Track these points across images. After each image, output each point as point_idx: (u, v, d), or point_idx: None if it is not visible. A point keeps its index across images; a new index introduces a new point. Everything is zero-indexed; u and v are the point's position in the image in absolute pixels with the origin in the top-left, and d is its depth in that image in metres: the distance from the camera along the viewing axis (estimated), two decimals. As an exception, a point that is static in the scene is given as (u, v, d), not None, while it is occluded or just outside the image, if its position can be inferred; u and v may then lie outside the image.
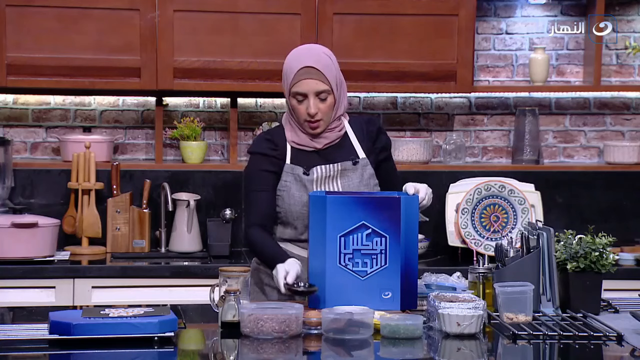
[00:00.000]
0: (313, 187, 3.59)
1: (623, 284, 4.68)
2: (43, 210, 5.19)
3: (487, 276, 3.48)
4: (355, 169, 3.63)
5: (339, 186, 3.62)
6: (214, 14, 5.12)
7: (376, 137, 3.70)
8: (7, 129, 5.41)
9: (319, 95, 3.55)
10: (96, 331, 3.04)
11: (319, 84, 3.55)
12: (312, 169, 3.60)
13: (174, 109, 5.49)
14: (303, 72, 3.55)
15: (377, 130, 3.71)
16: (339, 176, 3.62)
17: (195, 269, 4.91)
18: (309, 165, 3.60)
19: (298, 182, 3.60)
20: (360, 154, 3.66)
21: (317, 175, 3.60)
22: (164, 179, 5.26)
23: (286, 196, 3.60)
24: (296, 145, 3.63)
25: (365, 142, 3.68)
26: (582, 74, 5.66)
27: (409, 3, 5.20)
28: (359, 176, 3.63)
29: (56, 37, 5.04)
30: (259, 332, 3.11)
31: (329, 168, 3.61)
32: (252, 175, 3.65)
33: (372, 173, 3.65)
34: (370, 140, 3.69)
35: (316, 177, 3.60)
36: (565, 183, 5.53)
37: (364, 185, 3.63)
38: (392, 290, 3.41)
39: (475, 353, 3.08)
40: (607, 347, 3.12)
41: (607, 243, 3.50)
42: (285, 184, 3.60)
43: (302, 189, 3.59)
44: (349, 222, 3.41)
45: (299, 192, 3.59)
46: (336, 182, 3.62)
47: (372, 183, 3.64)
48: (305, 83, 3.54)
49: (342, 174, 3.62)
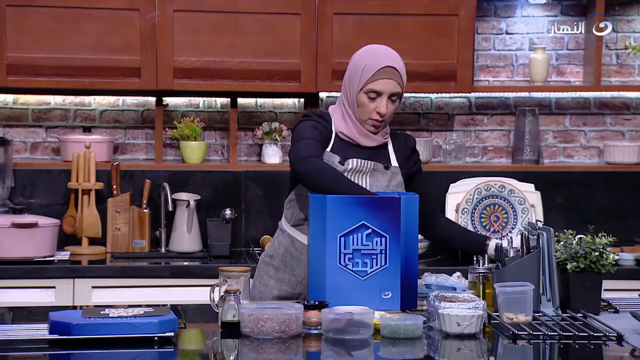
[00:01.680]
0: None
1: (623, 284, 4.68)
2: (43, 210, 5.19)
3: (487, 276, 3.48)
4: (386, 173, 3.67)
5: (367, 184, 3.65)
6: (214, 14, 5.12)
7: (411, 153, 3.76)
8: (7, 129, 5.41)
9: (391, 96, 3.59)
10: (96, 331, 3.04)
11: (396, 86, 3.59)
12: (348, 160, 3.62)
13: (174, 109, 5.49)
14: (384, 72, 3.58)
15: (413, 148, 3.78)
16: (369, 174, 3.66)
17: (195, 269, 4.91)
18: (346, 156, 3.62)
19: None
20: (394, 162, 3.70)
21: (351, 167, 3.62)
22: (164, 179, 5.26)
23: None
24: (342, 136, 3.65)
25: (400, 153, 3.73)
26: (582, 74, 5.66)
27: (409, 3, 5.20)
28: (388, 180, 3.67)
29: (56, 37, 5.04)
30: (259, 332, 3.11)
31: (363, 163, 3.63)
32: (304, 129, 3.60)
33: (401, 182, 3.69)
34: (405, 153, 3.74)
35: (350, 168, 3.62)
36: (565, 183, 5.53)
37: (391, 188, 3.66)
38: (392, 290, 3.41)
39: (475, 353, 3.08)
40: (607, 347, 3.12)
41: (607, 243, 3.50)
42: None
43: None
44: (349, 222, 3.41)
45: None
46: (365, 179, 3.65)
47: (399, 190, 3.68)
48: (385, 83, 3.58)
49: (373, 173, 3.66)
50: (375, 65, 3.58)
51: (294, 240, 3.71)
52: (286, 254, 3.72)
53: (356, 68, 3.62)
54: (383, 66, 3.58)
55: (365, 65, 3.59)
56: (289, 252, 3.71)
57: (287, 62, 5.15)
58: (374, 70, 3.57)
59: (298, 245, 3.69)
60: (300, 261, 3.68)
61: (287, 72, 5.16)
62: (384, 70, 3.58)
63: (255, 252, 5.07)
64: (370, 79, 3.58)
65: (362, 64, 3.60)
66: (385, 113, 3.59)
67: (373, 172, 3.66)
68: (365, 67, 3.59)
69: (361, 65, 3.60)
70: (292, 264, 3.71)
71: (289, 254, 3.72)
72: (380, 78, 3.57)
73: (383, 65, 3.58)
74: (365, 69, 3.59)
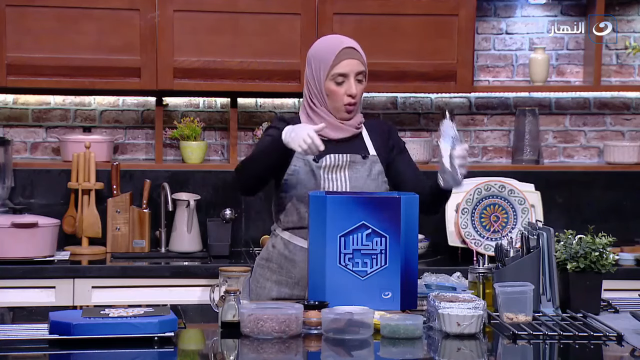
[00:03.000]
0: (321, 174, 3.64)
1: (623, 284, 4.68)
2: (43, 210, 5.19)
3: (487, 276, 3.48)
4: (364, 163, 3.67)
5: (347, 177, 3.66)
6: (214, 14, 5.12)
7: (388, 137, 3.77)
8: (7, 129, 5.41)
9: (357, 76, 3.63)
10: (96, 331, 3.04)
11: (359, 65, 3.64)
12: (322, 157, 3.63)
13: (174, 109, 5.49)
14: (345, 53, 3.63)
15: (389, 129, 3.80)
16: (347, 167, 3.67)
17: (195, 269, 4.91)
18: (320, 154, 3.62)
19: (307, 168, 3.65)
20: (371, 150, 3.71)
21: (326, 163, 3.64)
22: (164, 179, 5.26)
23: (294, 180, 3.65)
24: None
25: (377, 140, 3.74)
26: (582, 74, 5.66)
27: (409, 3, 5.20)
28: (367, 170, 3.68)
29: (56, 37, 5.04)
30: (259, 332, 3.11)
31: (339, 157, 3.65)
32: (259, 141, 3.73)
33: (381, 170, 3.70)
34: (381, 139, 3.75)
35: (325, 165, 3.64)
36: (565, 183, 5.53)
37: (371, 180, 3.68)
38: (392, 290, 3.41)
39: (475, 353, 3.08)
40: (607, 347, 3.12)
41: (607, 243, 3.50)
42: (294, 169, 3.65)
43: (310, 175, 3.65)
44: (349, 222, 3.41)
45: (307, 177, 3.65)
46: (344, 173, 3.66)
47: (380, 179, 3.70)
48: (348, 63, 3.62)
49: (351, 166, 3.67)
50: (334, 49, 3.63)
51: (286, 243, 3.71)
52: (280, 257, 3.72)
53: (316, 60, 3.66)
54: (342, 47, 3.63)
55: (324, 53, 3.64)
56: (283, 254, 3.72)
57: (287, 62, 5.15)
58: (334, 54, 3.62)
59: (291, 247, 3.70)
60: (296, 262, 3.68)
61: (287, 72, 5.16)
62: (344, 51, 3.63)
63: (255, 252, 5.06)
64: (334, 62, 3.62)
65: (320, 54, 3.65)
66: (356, 94, 3.62)
67: (351, 164, 3.67)
68: (324, 55, 3.64)
69: (320, 55, 3.65)
70: (288, 266, 3.71)
71: (283, 256, 3.72)
72: (344, 59, 3.62)
73: (342, 47, 3.63)
74: (325, 55, 3.63)
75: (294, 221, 3.69)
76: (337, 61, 3.62)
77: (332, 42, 3.69)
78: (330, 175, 3.65)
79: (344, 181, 3.65)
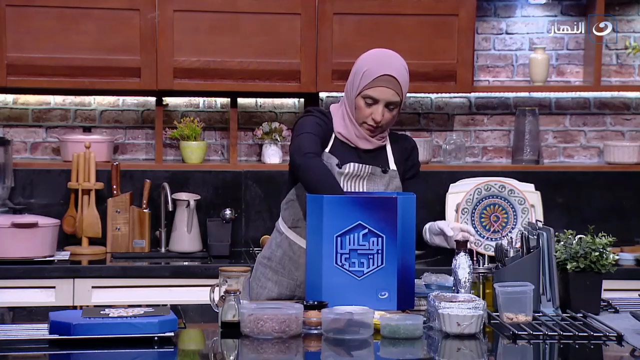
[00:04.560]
0: (341, 180, 3.59)
1: (623, 284, 4.68)
2: (43, 210, 5.19)
3: (487, 276, 3.48)
4: (383, 177, 3.66)
5: (364, 188, 3.64)
6: (214, 14, 5.12)
7: (410, 154, 3.74)
8: (7, 129, 5.41)
9: (388, 105, 3.57)
10: (96, 331, 3.04)
11: (394, 95, 3.56)
12: (346, 164, 3.61)
13: (174, 109, 5.49)
14: (383, 79, 3.55)
15: (412, 148, 3.75)
16: (366, 179, 3.65)
17: (195, 269, 4.91)
18: (344, 159, 3.61)
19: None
20: (392, 165, 3.69)
21: (348, 171, 3.61)
22: (164, 179, 5.26)
23: None
24: (341, 137, 3.64)
25: (398, 155, 3.71)
26: (582, 74, 5.66)
27: (409, 3, 5.20)
28: (385, 184, 3.66)
29: (56, 37, 5.04)
30: (259, 332, 3.11)
31: (361, 167, 3.62)
32: (306, 123, 3.59)
33: (399, 186, 3.67)
34: (403, 154, 3.72)
35: (347, 172, 3.61)
36: (565, 183, 5.53)
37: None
38: (388, 290, 3.41)
39: (475, 353, 3.08)
40: (607, 347, 3.12)
41: (607, 243, 3.50)
42: None
43: None
44: (346, 222, 3.40)
45: None
46: (362, 183, 3.65)
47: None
48: (382, 91, 3.55)
49: (370, 177, 3.65)
50: (375, 72, 3.55)
51: (292, 244, 3.70)
52: (284, 257, 3.71)
53: (358, 71, 3.60)
54: (382, 74, 3.55)
55: (366, 70, 3.57)
56: (287, 255, 3.71)
57: (287, 62, 5.15)
58: (373, 77, 3.55)
59: (296, 248, 3.68)
60: (299, 265, 3.67)
61: (287, 72, 5.16)
62: (382, 78, 3.55)
63: (255, 252, 5.06)
64: (369, 84, 3.55)
65: (363, 68, 3.58)
66: (380, 121, 3.57)
67: (371, 176, 3.64)
68: (365, 72, 3.56)
69: (362, 69, 3.58)
70: (291, 267, 3.70)
71: (287, 257, 3.71)
72: (378, 85, 3.55)
73: (382, 73, 3.55)
74: (365, 73, 3.56)
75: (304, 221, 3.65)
76: (374, 85, 3.55)
77: (380, 62, 3.58)
78: (350, 183, 3.62)
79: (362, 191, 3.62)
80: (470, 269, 3.38)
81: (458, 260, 3.39)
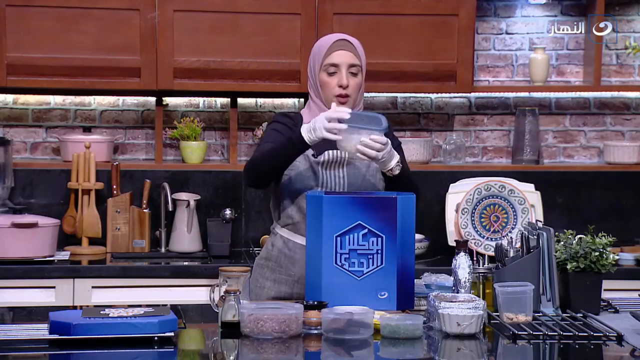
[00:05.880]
0: (319, 169, 3.65)
1: (623, 284, 4.68)
2: (43, 210, 5.19)
3: (487, 276, 3.48)
4: (362, 160, 3.65)
5: (345, 173, 3.68)
6: (214, 14, 5.12)
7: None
8: (7, 129, 5.41)
9: (350, 69, 3.68)
10: (96, 331, 3.04)
11: (353, 58, 3.69)
12: (322, 153, 3.66)
13: (174, 109, 5.49)
14: (338, 44, 3.69)
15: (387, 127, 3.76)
16: (345, 164, 3.68)
17: (195, 269, 4.91)
18: (319, 149, 3.65)
19: (306, 163, 3.67)
20: None
21: (325, 159, 3.66)
22: (164, 179, 5.26)
23: (294, 175, 3.67)
24: None
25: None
26: (582, 74, 5.66)
27: (409, 3, 5.21)
28: (366, 166, 3.70)
29: (56, 37, 5.04)
30: (259, 332, 3.11)
31: (338, 154, 3.67)
32: (266, 135, 3.75)
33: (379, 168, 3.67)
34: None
35: (324, 160, 3.66)
36: (565, 183, 5.53)
37: (370, 176, 3.69)
38: (388, 291, 3.41)
39: (475, 353, 3.08)
40: (607, 347, 3.12)
41: (607, 243, 3.50)
42: (294, 164, 3.66)
43: (309, 169, 3.66)
44: (346, 222, 3.41)
45: (307, 171, 3.66)
46: (342, 169, 3.68)
47: (377, 177, 3.70)
48: (340, 54, 3.68)
49: (350, 162, 3.69)
50: (328, 41, 3.71)
51: (286, 241, 3.72)
52: (280, 255, 3.73)
53: (313, 53, 3.75)
54: (336, 39, 3.70)
55: (319, 46, 3.73)
56: (283, 252, 3.73)
57: (287, 62, 5.15)
58: (328, 46, 3.69)
59: (291, 245, 3.71)
60: (295, 260, 3.69)
61: (287, 72, 5.16)
62: (337, 43, 3.70)
63: (255, 252, 5.06)
64: (326, 53, 3.68)
65: (317, 47, 3.75)
66: (347, 85, 3.66)
67: (350, 160, 3.69)
68: (319, 48, 3.72)
69: (317, 48, 3.74)
70: (287, 263, 3.72)
71: (282, 254, 3.73)
72: (336, 50, 3.68)
73: (336, 39, 3.71)
74: (320, 48, 3.72)
75: (294, 217, 3.69)
76: (330, 52, 3.68)
77: (330, 36, 3.77)
78: (329, 171, 3.67)
79: (342, 178, 3.67)
80: (470, 269, 3.39)
81: (458, 260, 3.40)
